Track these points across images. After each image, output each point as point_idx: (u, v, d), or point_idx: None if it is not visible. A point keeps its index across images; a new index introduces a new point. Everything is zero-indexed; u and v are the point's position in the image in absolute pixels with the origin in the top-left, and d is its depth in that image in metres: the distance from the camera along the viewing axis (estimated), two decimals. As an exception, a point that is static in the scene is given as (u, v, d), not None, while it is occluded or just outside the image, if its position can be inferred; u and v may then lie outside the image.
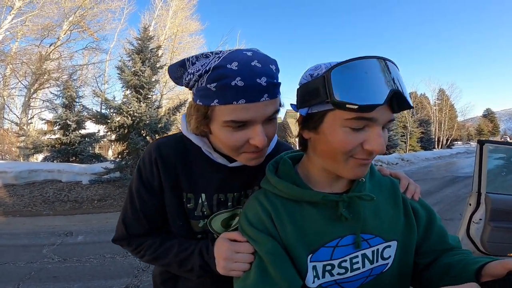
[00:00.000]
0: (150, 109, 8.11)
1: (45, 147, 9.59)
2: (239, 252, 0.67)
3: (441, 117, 33.96)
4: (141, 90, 8.07)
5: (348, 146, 0.60)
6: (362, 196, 0.66)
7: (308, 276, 0.65)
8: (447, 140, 34.33)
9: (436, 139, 32.17)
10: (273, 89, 0.66)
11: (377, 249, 0.68)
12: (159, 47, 9.34)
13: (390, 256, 0.69)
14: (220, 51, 0.68)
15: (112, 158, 9.89)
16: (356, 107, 0.55)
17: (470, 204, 2.40)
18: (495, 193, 2.33)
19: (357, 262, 0.67)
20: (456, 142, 39.67)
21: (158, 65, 8.96)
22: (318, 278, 0.65)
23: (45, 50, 12.81)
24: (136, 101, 7.87)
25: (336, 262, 0.66)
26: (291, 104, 0.71)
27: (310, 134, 0.67)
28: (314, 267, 0.65)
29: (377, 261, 0.68)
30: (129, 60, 8.45)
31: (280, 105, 0.73)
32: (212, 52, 0.69)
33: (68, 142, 9.57)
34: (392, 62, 0.60)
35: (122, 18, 18.43)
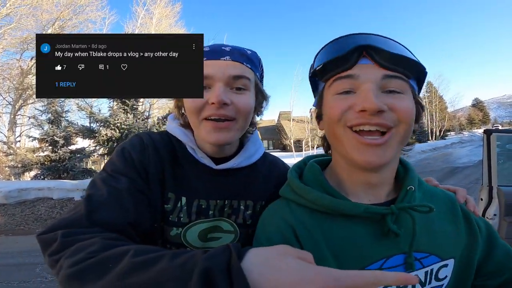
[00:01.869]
0: (138, 120, 7.89)
1: (34, 165, 9.35)
2: None
3: (432, 109, 34.37)
4: (127, 101, 7.85)
5: (337, 110, 0.54)
6: (416, 207, 0.55)
7: None
8: (440, 131, 34.67)
9: (429, 131, 32.47)
10: (237, 55, 0.70)
11: (431, 270, 0.57)
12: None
13: (446, 277, 0.59)
14: None
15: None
16: (320, 66, 0.56)
17: (481, 199, 2.30)
18: (508, 185, 2.19)
19: (406, 286, 0.56)
20: (449, 133, 40.13)
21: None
22: None
23: (26, 64, 12.50)
24: (123, 113, 7.66)
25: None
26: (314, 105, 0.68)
27: (323, 123, 0.62)
28: None
29: (429, 283, 0.58)
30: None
31: (249, 76, 0.72)
32: None
33: (57, 158, 9.33)
34: (384, 37, 0.57)
35: (104, 28, 18.16)
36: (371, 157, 0.52)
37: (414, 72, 0.55)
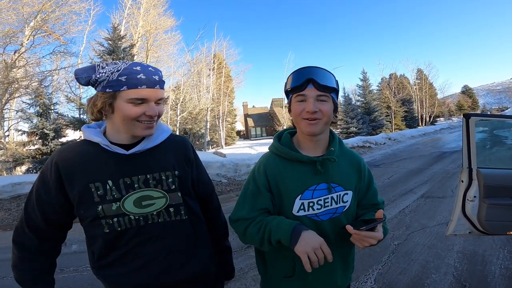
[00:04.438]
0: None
1: (26, 159, 9.24)
2: None
3: (422, 95, 34.55)
4: (118, 92, 7.70)
5: (298, 111, 1.03)
6: (329, 158, 1.06)
7: (294, 208, 1.05)
8: (429, 117, 35.05)
9: (419, 117, 32.82)
10: (161, 83, 1.01)
11: (339, 194, 1.08)
12: (132, 46, 8.89)
13: (347, 201, 1.10)
14: (125, 61, 1.00)
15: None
16: (289, 89, 1.05)
17: (462, 181, 2.22)
18: (487, 167, 2.17)
19: (328, 201, 1.07)
20: (438, 119, 40.50)
21: (133, 65, 8.53)
22: (305, 211, 1.05)
23: (10, 58, 12.06)
24: (115, 103, 7.51)
25: (315, 200, 1.06)
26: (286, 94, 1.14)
27: (291, 114, 1.09)
28: (303, 204, 1.05)
29: (339, 202, 1.08)
30: (101, 62, 8.02)
31: (165, 96, 1.05)
32: (118, 61, 1.00)
33: (48, 151, 9.22)
34: (322, 68, 1.04)
35: (89, 20, 17.47)
36: (312, 129, 1.02)
37: (332, 90, 1.03)
